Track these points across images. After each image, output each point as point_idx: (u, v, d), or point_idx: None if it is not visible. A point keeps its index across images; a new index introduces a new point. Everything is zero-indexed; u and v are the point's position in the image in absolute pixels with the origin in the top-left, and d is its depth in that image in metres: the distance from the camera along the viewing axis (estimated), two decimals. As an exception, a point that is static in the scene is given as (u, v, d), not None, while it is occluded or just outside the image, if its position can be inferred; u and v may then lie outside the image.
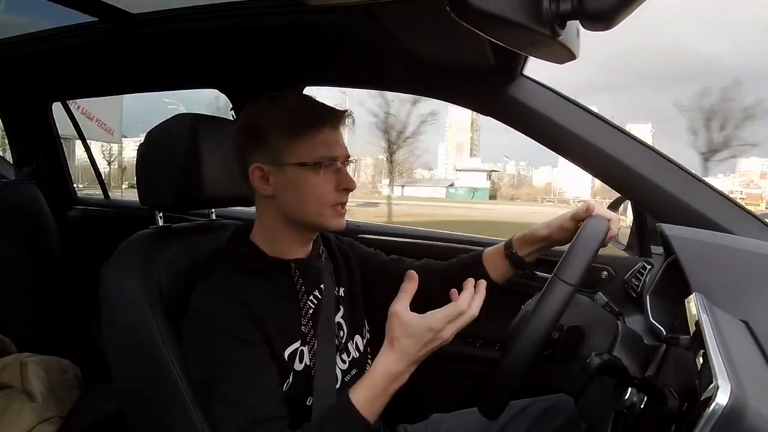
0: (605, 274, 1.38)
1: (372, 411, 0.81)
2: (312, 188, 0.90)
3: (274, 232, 0.96)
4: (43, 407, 1.36)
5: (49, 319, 1.86)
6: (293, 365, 0.90)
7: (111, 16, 1.20)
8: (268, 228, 0.96)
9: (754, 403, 0.53)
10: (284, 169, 0.89)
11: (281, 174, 0.90)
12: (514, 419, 1.09)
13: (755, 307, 0.80)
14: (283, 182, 0.90)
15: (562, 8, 0.49)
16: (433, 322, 0.81)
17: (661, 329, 0.90)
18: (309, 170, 0.89)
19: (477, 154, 69.01)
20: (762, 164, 49.60)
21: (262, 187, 0.91)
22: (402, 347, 0.81)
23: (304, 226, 0.95)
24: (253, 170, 0.90)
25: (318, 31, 1.12)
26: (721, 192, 1.07)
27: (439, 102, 1.80)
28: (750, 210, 1.05)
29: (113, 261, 0.97)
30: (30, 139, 2.19)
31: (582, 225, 0.89)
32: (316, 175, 0.89)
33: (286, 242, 0.96)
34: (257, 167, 0.90)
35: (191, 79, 1.77)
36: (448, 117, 70.55)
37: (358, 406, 0.80)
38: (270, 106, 0.92)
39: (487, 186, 40.66)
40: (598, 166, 1.11)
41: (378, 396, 0.81)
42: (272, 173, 0.90)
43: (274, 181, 0.90)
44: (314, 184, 0.89)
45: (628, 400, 0.72)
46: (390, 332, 0.82)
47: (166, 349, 0.90)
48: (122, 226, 1.14)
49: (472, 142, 68.59)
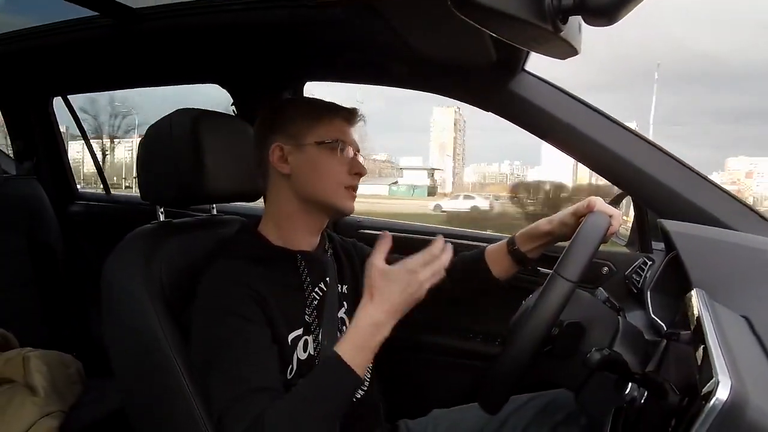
0: (606, 269, 1.38)
1: (359, 363, 0.82)
2: (329, 167, 0.95)
3: (286, 217, 0.98)
4: (46, 402, 1.37)
5: (50, 314, 1.86)
6: (296, 351, 0.91)
7: (112, 11, 1.20)
8: (280, 212, 0.99)
9: (755, 399, 0.54)
10: (304, 149, 0.95)
11: (300, 153, 0.95)
12: (514, 414, 1.10)
13: (756, 303, 0.80)
14: (302, 161, 0.95)
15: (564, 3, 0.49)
16: (409, 264, 0.85)
17: (661, 324, 0.90)
18: (327, 150, 0.95)
19: (460, 153, 69.92)
20: (750, 163, 50.05)
21: (281, 166, 0.96)
22: (383, 295, 0.83)
23: (317, 205, 0.98)
24: (274, 149, 0.96)
25: (319, 26, 1.12)
26: (722, 188, 1.07)
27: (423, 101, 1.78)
28: (751, 206, 1.05)
29: (114, 256, 0.98)
30: (31, 134, 2.19)
31: (583, 221, 0.89)
32: (333, 155, 0.95)
33: (295, 229, 0.99)
34: (278, 146, 0.95)
35: (192, 74, 1.77)
36: (432, 117, 71.38)
37: (346, 358, 0.81)
38: (290, 100, 1.00)
39: (426, 184, 41.44)
40: (600, 161, 1.11)
41: (362, 347, 0.82)
42: (291, 153, 0.95)
43: (293, 161, 0.95)
44: (331, 163, 0.95)
45: (629, 395, 0.72)
46: (369, 283, 0.84)
47: (168, 343, 0.90)
48: (123, 221, 1.14)
49: (455, 141, 69.35)
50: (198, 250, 1.00)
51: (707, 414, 0.53)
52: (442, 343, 1.50)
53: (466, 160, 71.42)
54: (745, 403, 0.53)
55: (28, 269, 1.85)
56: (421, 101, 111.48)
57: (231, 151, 1.06)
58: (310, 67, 1.49)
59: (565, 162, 49.45)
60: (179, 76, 1.80)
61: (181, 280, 0.95)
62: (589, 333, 0.83)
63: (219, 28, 1.20)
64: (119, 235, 1.01)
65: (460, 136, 71.97)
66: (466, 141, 70.65)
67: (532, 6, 0.48)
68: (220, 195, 1.08)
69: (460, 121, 68.57)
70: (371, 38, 1.15)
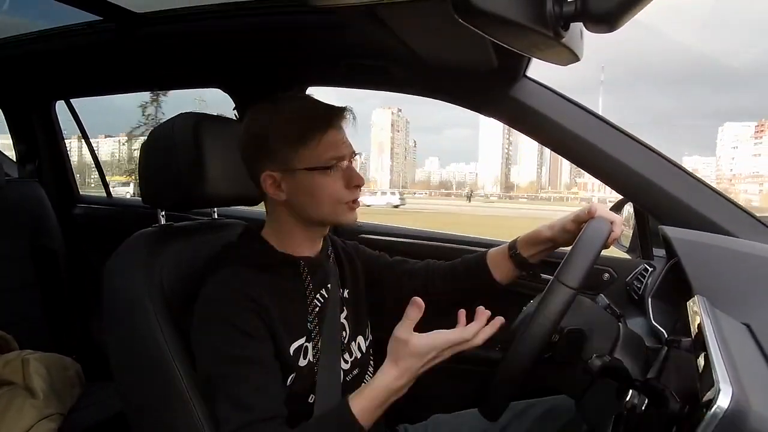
0: (607, 275, 1.37)
1: (368, 420, 0.82)
2: (325, 190, 0.91)
3: (286, 232, 0.97)
4: (45, 404, 1.37)
5: (51, 316, 1.86)
6: (298, 361, 0.91)
7: (115, 15, 1.21)
8: (280, 228, 0.98)
9: (756, 406, 0.53)
10: (295, 175, 0.91)
11: (293, 180, 0.91)
12: (514, 421, 1.09)
13: (757, 310, 0.79)
14: (296, 187, 0.91)
15: (566, 10, 0.49)
16: (438, 343, 0.84)
17: (662, 331, 0.90)
18: (318, 173, 0.90)
19: (398, 152, 71.62)
20: (703, 163, 50.75)
21: (276, 194, 0.92)
22: (405, 365, 0.82)
23: (318, 224, 0.98)
24: (265, 178, 0.92)
25: (321, 31, 1.12)
26: (724, 194, 1.06)
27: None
28: (752, 213, 1.05)
29: (115, 259, 0.98)
30: (33, 138, 2.20)
31: (584, 227, 0.88)
32: (327, 177, 0.91)
33: (297, 240, 0.98)
34: (269, 175, 0.91)
35: (194, 79, 1.77)
36: (372, 117, 72.57)
37: (356, 412, 0.81)
38: (271, 114, 0.92)
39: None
40: (601, 168, 1.11)
41: (376, 407, 0.83)
42: (284, 180, 0.91)
43: (287, 187, 0.92)
44: (326, 185, 0.91)
45: (629, 402, 0.72)
46: (393, 354, 0.83)
47: (168, 347, 0.90)
48: (124, 224, 1.14)
49: (393, 141, 70.43)
50: (199, 253, 1.00)
51: (708, 422, 0.53)
52: None
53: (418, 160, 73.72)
54: (746, 411, 0.53)
55: (30, 272, 1.85)
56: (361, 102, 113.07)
57: (232, 155, 1.06)
58: (312, 71, 1.49)
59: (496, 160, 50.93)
60: (181, 81, 1.81)
61: (181, 283, 0.95)
62: (589, 339, 0.83)
63: (221, 33, 1.21)
64: (120, 238, 1.01)
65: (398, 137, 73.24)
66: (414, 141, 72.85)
67: (534, 12, 0.48)
68: (221, 199, 1.08)
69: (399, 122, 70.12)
70: (373, 44, 1.15)
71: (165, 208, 1.08)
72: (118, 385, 0.98)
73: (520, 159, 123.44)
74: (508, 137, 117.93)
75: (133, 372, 0.96)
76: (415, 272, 1.14)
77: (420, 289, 1.13)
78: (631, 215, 1.39)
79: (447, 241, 1.62)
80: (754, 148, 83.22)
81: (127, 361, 0.96)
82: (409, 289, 1.13)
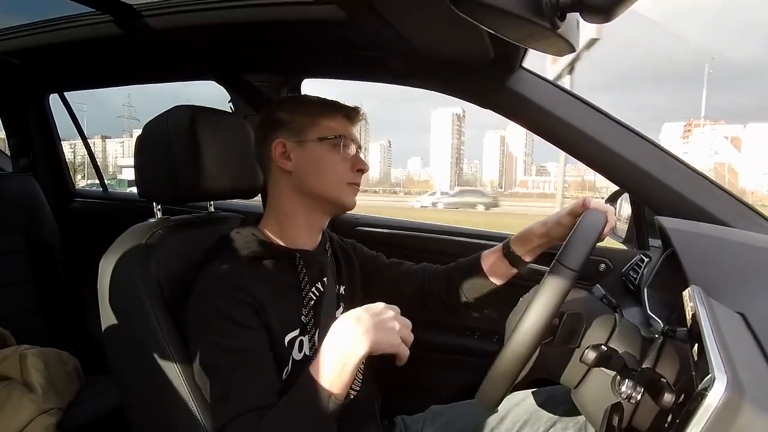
0: (603, 266, 1.38)
1: (334, 384, 0.78)
2: (331, 163, 0.96)
3: (287, 214, 0.98)
4: (43, 399, 1.37)
5: (47, 311, 1.86)
6: (292, 352, 0.91)
7: (109, 7, 1.19)
8: (281, 209, 0.99)
9: (751, 395, 0.54)
10: (306, 145, 0.95)
11: (303, 149, 0.96)
12: (512, 411, 1.10)
13: (752, 300, 0.80)
14: (304, 157, 0.96)
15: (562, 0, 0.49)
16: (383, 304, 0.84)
17: (658, 321, 0.90)
18: (329, 146, 0.96)
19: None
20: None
21: (283, 162, 0.96)
22: (353, 315, 0.81)
23: (319, 201, 0.98)
24: (276, 145, 0.96)
25: (317, 23, 1.11)
26: (719, 185, 1.07)
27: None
28: (748, 203, 1.05)
29: (111, 253, 0.97)
30: (27, 131, 2.18)
31: (580, 218, 0.89)
32: (336, 151, 0.96)
33: (296, 226, 0.99)
34: (280, 142, 0.96)
35: (190, 71, 1.76)
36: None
37: (318, 378, 0.78)
38: (293, 98, 1.00)
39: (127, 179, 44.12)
40: (597, 158, 1.11)
41: (335, 370, 0.78)
42: (294, 149, 0.96)
43: (295, 157, 0.96)
44: (333, 159, 0.96)
45: (625, 391, 0.72)
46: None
47: (165, 340, 0.90)
48: (120, 218, 1.14)
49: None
50: (195, 247, 1.00)
51: (703, 410, 0.53)
52: (439, 340, 1.51)
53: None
54: (741, 400, 0.53)
55: (26, 266, 1.85)
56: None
57: (228, 148, 1.06)
58: (308, 64, 1.48)
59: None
60: (176, 73, 1.80)
61: (178, 276, 0.95)
62: (586, 329, 0.83)
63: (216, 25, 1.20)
64: (116, 232, 1.01)
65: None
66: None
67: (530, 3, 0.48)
68: (217, 192, 1.07)
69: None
70: (369, 35, 1.14)
71: (161, 201, 1.08)
72: (116, 379, 0.99)
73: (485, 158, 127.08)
74: (458, 136, 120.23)
75: (131, 365, 0.96)
76: (411, 274, 1.15)
77: (416, 290, 1.14)
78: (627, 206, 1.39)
79: (443, 233, 1.63)
80: (683, 146, 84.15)
81: (125, 354, 0.96)
82: (405, 290, 1.14)
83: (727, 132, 79.07)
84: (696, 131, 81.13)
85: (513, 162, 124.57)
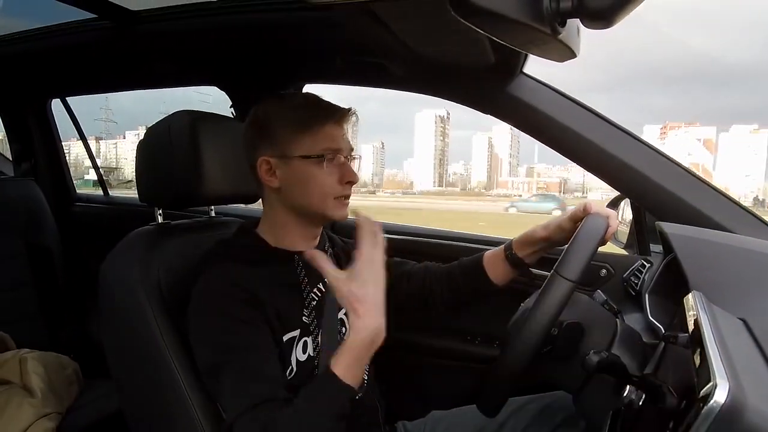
0: (604, 272, 1.38)
1: (353, 375, 0.79)
2: (316, 180, 0.93)
3: (281, 225, 0.98)
4: (43, 403, 1.36)
5: (48, 315, 1.86)
6: (294, 352, 0.92)
7: (110, 13, 1.20)
8: (275, 221, 0.98)
9: (753, 401, 0.54)
10: (290, 162, 0.93)
11: (287, 167, 0.93)
12: (512, 416, 1.10)
13: (754, 305, 0.80)
14: (289, 175, 0.93)
15: (563, 6, 0.49)
16: (361, 253, 0.83)
17: (659, 327, 0.90)
18: (313, 163, 0.92)
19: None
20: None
21: (269, 180, 0.94)
22: (365, 302, 0.80)
23: (309, 216, 0.98)
24: (261, 163, 0.94)
25: (317, 28, 1.12)
26: (721, 190, 1.07)
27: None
28: (749, 208, 1.05)
29: (112, 258, 0.97)
30: (29, 136, 2.19)
31: (581, 223, 0.89)
32: (320, 168, 0.92)
33: (291, 235, 0.99)
34: (265, 160, 0.94)
35: (191, 77, 1.77)
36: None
37: (340, 374, 0.79)
38: (278, 104, 0.96)
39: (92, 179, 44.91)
40: (598, 163, 1.11)
41: (358, 361, 0.80)
42: (279, 166, 0.93)
43: (281, 174, 0.94)
44: (318, 176, 0.93)
45: (627, 397, 0.72)
46: (347, 300, 0.81)
47: (165, 344, 0.90)
48: (121, 223, 1.14)
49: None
50: (196, 252, 1.00)
51: (705, 417, 0.53)
52: (440, 345, 1.50)
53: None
54: (743, 406, 0.53)
55: (26, 271, 1.85)
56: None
57: (229, 153, 1.06)
58: (309, 69, 1.49)
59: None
60: (178, 79, 1.80)
61: (178, 281, 0.95)
62: (587, 335, 0.83)
63: (218, 30, 1.20)
64: (117, 237, 1.01)
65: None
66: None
67: (531, 9, 0.48)
68: (218, 197, 1.07)
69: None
70: (369, 40, 1.15)
71: (162, 206, 1.08)
72: (116, 383, 0.98)
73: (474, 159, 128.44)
74: (442, 138, 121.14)
75: (131, 370, 0.96)
76: (413, 274, 1.15)
77: (418, 290, 1.13)
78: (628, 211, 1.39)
79: (444, 238, 1.63)
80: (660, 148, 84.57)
81: (125, 359, 0.96)
82: (407, 290, 1.13)
83: (700, 134, 79.29)
84: (671, 133, 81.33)
85: (498, 163, 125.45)
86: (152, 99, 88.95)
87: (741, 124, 74.02)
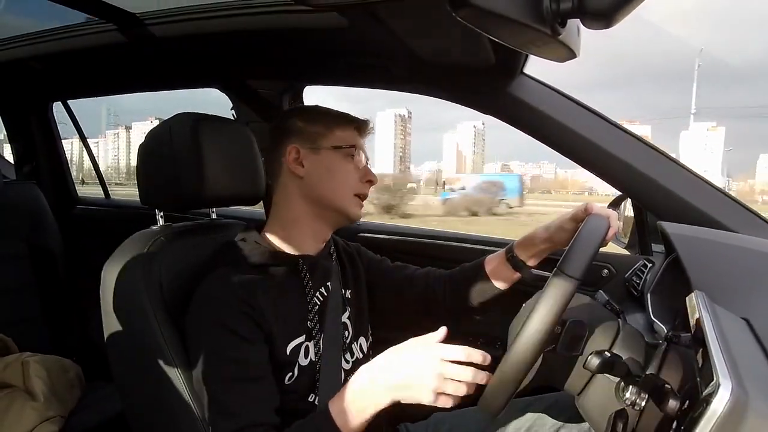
0: (606, 272, 1.38)
1: (344, 423, 0.76)
2: (343, 172, 0.98)
3: (292, 222, 0.99)
4: (45, 407, 1.36)
5: (50, 318, 1.86)
6: (297, 359, 0.91)
7: (113, 16, 1.20)
8: (287, 214, 0.99)
9: (756, 401, 0.53)
10: (320, 152, 0.97)
11: (316, 156, 0.97)
12: (515, 418, 1.10)
13: (756, 305, 0.80)
14: (317, 164, 0.97)
15: (563, 6, 0.49)
16: (431, 340, 0.76)
17: (662, 327, 0.90)
18: (343, 155, 0.98)
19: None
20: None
21: (296, 168, 0.97)
22: (381, 363, 0.77)
23: (327, 210, 0.99)
24: (290, 150, 0.98)
25: (318, 30, 1.12)
26: (722, 190, 1.06)
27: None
28: (751, 208, 1.05)
29: (114, 260, 0.97)
30: (30, 139, 2.19)
31: (583, 223, 0.88)
32: (348, 161, 0.99)
33: (302, 235, 0.99)
34: (294, 148, 0.98)
35: (192, 79, 1.77)
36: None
37: (333, 414, 0.77)
38: (307, 107, 1.04)
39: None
40: (599, 164, 1.11)
41: (347, 410, 0.76)
42: (307, 156, 0.97)
43: (308, 164, 0.97)
44: (346, 169, 0.98)
45: (629, 398, 0.72)
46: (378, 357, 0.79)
47: (167, 347, 0.90)
48: (123, 225, 1.14)
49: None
50: (197, 254, 1.00)
51: (708, 417, 0.53)
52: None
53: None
54: (746, 406, 0.53)
55: (28, 274, 1.85)
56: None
57: (230, 155, 1.06)
58: (310, 70, 1.49)
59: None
60: (179, 81, 1.80)
61: (180, 284, 0.95)
62: (589, 336, 0.83)
63: (219, 33, 1.20)
64: (119, 239, 1.01)
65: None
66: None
67: (531, 9, 0.48)
68: (219, 199, 1.07)
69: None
70: (370, 42, 1.15)
71: (163, 208, 1.08)
72: (118, 386, 0.98)
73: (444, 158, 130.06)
74: (402, 137, 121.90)
75: (133, 373, 0.96)
76: (415, 278, 1.15)
77: (420, 295, 1.13)
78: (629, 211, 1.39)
79: (446, 239, 1.63)
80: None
81: (127, 361, 0.96)
82: (409, 295, 1.13)
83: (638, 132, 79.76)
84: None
85: (463, 161, 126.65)
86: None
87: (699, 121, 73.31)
